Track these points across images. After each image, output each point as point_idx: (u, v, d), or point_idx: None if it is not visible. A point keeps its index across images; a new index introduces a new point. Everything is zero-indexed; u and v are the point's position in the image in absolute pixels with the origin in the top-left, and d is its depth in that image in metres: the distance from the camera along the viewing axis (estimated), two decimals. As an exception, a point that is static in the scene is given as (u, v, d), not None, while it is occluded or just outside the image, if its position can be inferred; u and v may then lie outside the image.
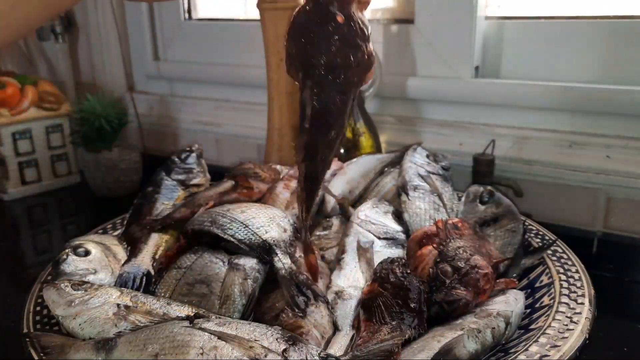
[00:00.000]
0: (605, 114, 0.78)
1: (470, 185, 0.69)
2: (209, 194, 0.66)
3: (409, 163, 0.71)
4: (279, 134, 0.89)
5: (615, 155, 0.77)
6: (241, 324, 0.42)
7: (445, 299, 0.48)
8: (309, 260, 0.52)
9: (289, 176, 0.70)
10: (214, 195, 0.66)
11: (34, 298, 0.54)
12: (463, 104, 0.89)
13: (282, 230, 0.56)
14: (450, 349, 0.43)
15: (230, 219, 0.56)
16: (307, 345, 0.41)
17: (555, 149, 0.81)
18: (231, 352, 0.39)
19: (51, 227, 1.00)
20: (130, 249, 0.60)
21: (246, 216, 0.56)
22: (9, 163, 1.07)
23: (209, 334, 0.40)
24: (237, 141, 1.13)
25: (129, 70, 1.29)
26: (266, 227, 0.56)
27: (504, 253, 0.59)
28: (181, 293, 0.51)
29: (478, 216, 0.64)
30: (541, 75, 0.83)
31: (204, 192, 0.67)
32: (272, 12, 0.83)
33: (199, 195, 0.66)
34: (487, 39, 0.87)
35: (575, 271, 0.55)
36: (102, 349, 0.43)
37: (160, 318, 0.46)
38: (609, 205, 0.78)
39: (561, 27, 0.82)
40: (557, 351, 0.43)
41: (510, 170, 0.83)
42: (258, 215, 0.57)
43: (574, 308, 0.49)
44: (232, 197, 0.66)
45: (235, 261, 0.53)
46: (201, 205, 0.63)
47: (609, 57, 0.79)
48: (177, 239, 0.61)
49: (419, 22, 0.89)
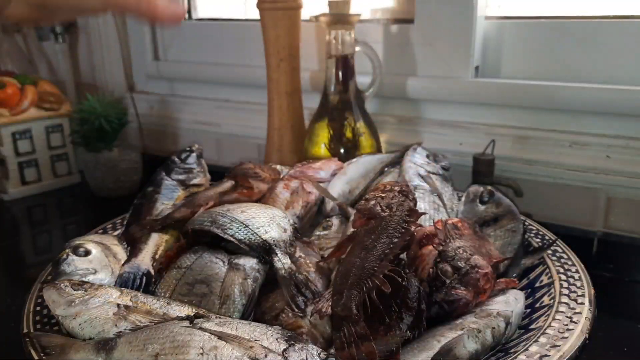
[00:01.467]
0: (605, 114, 0.78)
1: (470, 185, 0.69)
2: (209, 194, 0.66)
3: (409, 163, 0.71)
4: (278, 134, 0.89)
5: (615, 155, 0.77)
6: (241, 323, 0.42)
7: (446, 299, 0.48)
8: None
9: (289, 176, 0.70)
10: (214, 195, 0.65)
11: (34, 298, 0.54)
12: (463, 103, 0.89)
13: (282, 231, 0.56)
14: (450, 348, 0.43)
15: (230, 219, 0.56)
16: (307, 345, 0.41)
17: (555, 148, 0.81)
18: (231, 352, 0.39)
19: (51, 227, 1.00)
20: (130, 249, 0.60)
21: (246, 216, 0.56)
22: (9, 163, 1.07)
23: (209, 334, 0.40)
24: (237, 141, 1.13)
25: (129, 71, 1.29)
26: (266, 227, 0.56)
27: (504, 253, 0.59)
28: (181, 293, 0.51)
29: (478, 216, 0.64)
30: (541, 75, 0.83)
31: (204, 192, 0.67)
32: (272, 12, 0.84)
33: (199, 195, 0.66)
34: (487, 39, 0.87)
35: (575, 271, 0.55)
36: (102, 349, 0.43)
37: (160, 318, 0.46)
38: (609, 205, 0.78)
39: (561, 27, 0.82)
40: (557, 351, 0.43)
41: (511, 170, 0.83)
42: (258, 215, 0.57)
43: (574, 308, 0.49)
44: (232, 197, 0.66)
45: (235, 261, 0.53)
46: (201, 205, 0.63)
47: (610, 57, 0.79)
48: (177, 239, 0.61)
49: (418, 22, 0.89)
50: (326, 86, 0.84)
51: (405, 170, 0.70)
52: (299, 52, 0.87)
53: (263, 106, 0.92)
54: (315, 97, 0.88)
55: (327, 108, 0.84)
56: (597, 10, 0.81)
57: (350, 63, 0.82)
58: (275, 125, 0.89)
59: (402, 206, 0.51)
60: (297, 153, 0.89)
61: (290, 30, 0.85)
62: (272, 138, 0.90)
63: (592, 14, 0.82)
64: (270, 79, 0.87)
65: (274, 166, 0.76)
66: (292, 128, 0.89)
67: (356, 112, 0.83)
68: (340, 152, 0.83)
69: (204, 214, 0.59)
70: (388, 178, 0.73)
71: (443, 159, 0.74)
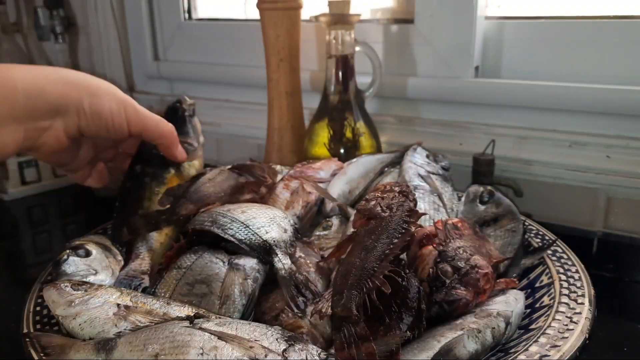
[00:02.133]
0: (605, 114, 0.78)
1: (470, 185, 0.70)
2: (217, 191, 0.64)
3: (408, 163, 0.71)
4: (278, 134, 0.89)
5: (615, 155, 0.77)
6: (241, 324, 0.42)
7: (446, 299, 0.48)
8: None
9: (289, 176, 0.70)
10: (223, 195, 0.64)
11: (34, 298, 0.54)
12: (463, 104, 0.89)
13: (282, 231, 0.56)
14: (451, 348, 0.43)
15: (230, 219, 0.56)
16: (308, 345, 0.41)
17: (555, 148, 0.81)
18: (231, 352, 0.39)
19: (51, 227, 1.00)
20: (126, 251, 0.60)
21: (247, 216, 0.56)
22: (9, 163, 1.07)
23: (209, 334, 0.40)
24: (237, 141, 1.13)
25: (129, 71, 1.29)
26: (267, 227, 0.56)
27: (503, 253, 0.59)
28: (181, 293, 0.51)
29: (478, 216, 0.64)
30: (541, 75, 0.83)
31: (210, 188, 0.65)
32: (272, 12, 0.84)
33: (208, 190, 0.64)
34: (487, 39, 0.87)
35: (575, 271, 0.55)
36: (102, 349, 0.43)
37: (160, 318, 0.46)
38: (609, 205, 0.78)
39: (561, 27, 0.82)
40: (557, 351, 0.43)
41: (510, 170, 0.83)
42: (259, 215, 0.57)
43: (573, 308, 0.49)
44: (245, 197, 0.65)
45: (235, 261, 0.53)
46: (208, 205, 0.62)
47: (610, 57, 0.79)
48: (176, 239, 0.61)
49: (419, 22, 0.89)
50: (326, 86, 0.84)
51: (405, 170, 0.70)
52: (299, 52, 0.87)
53: (263, 106, 0.92)
54: (315, 97, 0.88)
55: (327, 108, 0.84)
56: (596, 10, 0.81)
57: (350, 63, 0.82)
58: (275, 125, 0.89)
59: (403, 207, 0.51)
60: (297, 153, 0.89)
61: (290, 30, 0.85)
62: (272, 138, 0.90)
63: (591, 14, 0.82)
64: (270, 79, 0.87)
65: (273, 166, 0.76)
66: (292, 128, 0.89)
67: (356, 112, 0.83)
68: (340, 152, 0.83)
69: (203, 213, 0.59)
70: (388, 178, 0.73)
71: (443, 158, 0.74)
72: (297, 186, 0.68)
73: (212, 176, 0.66)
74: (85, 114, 0.53)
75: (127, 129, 0.58)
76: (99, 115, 0.54)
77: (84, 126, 0.54)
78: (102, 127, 0.55)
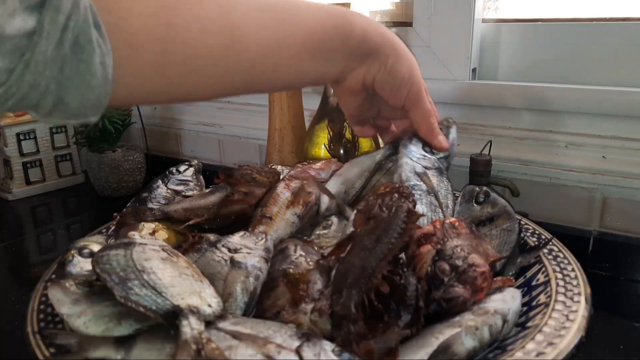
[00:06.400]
0: (601, 115, 0.78)
1: (466, 185, 0.70)
2: (206, 203, 0.65)
3: (404, 158, 0.68)
4: (279, 134, 0.90)
5: (611, 156, 0.78)
6: (255, 322, 0.43)
7: (444, 297, 0.49)
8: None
9: (290, 176, 0.71)
10: (211, 208, 0.64)
11: (38, 296, 0.54)
12: (460, 105, 0.89)
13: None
14: (449, 345, 0.43)
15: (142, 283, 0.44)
16: (321, 341, 0.41)
17: (551, 149, 0.82)
18: (245, 350, 0.39)
19: (55, 226, 1.01)
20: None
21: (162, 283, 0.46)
22: (14, 163, 1.08)
23: (224, 333, 0.41)
24: (239, 142, 1.13)
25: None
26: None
27: (500, 252, 0.59)
28: (184, 291, 0.52)
29: (474, 216, 0.64)
30: (537, 77, 0.84)
31: (202, 200, 0.66)
32: (273, 14, 0.84)
33: (198, 202, 0.65)
34: (484, 42, 0.88)
35: (571, 270, 0.55)
36: (121, 347, 0.43)
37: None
38: (604, 205, 0.79)
39: (557, 29, 0.83)
40: (553, 349, 0.43)
41: (507, 171, 0.84)
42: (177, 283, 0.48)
43: (570, 306, 0.49)
44: (231, 209, 0.65)
45: (237, 259, 0.54)
46: (197, 216, 0.63)
47: (605, 59, 0.80)
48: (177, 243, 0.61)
49: (417, 25, 0.90)
50: (326, 88, 0.85)
51: (401, 166, 0.68)
52: (300, 54, 0.88)
53: (264, 107, 0.93)
54: (315, 99, 0.89)
55: (327, 109, 0.85)
56: (592, 12, 0.82)
57: (350, 65, 0.82)
58: (276, 126, 0.90)
59: (402, 207, 0.52)
60: (298, 154, 0.90)
61: (291, 32, 0.85)
62: (273, 139, 0.91)
63: (587, 16, 0.82)
64: (271, 80, 0.88)
65: (274, 167, 0.77)
66: (292, 129, 0.90)
67: (356, 113, 0.84)
68: (340, 153, 0.84)
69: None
70: (385, 178, 0.72)
71: (452, 123, 0.72)
72: (297, 186, 0.68)
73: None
74: (385, 69, 0.58)
75: (403, 99, 0.61)
76: (394, 75, 0.58)
77: (379, 79, 0.58)
78: (390, 86, 0.59)
